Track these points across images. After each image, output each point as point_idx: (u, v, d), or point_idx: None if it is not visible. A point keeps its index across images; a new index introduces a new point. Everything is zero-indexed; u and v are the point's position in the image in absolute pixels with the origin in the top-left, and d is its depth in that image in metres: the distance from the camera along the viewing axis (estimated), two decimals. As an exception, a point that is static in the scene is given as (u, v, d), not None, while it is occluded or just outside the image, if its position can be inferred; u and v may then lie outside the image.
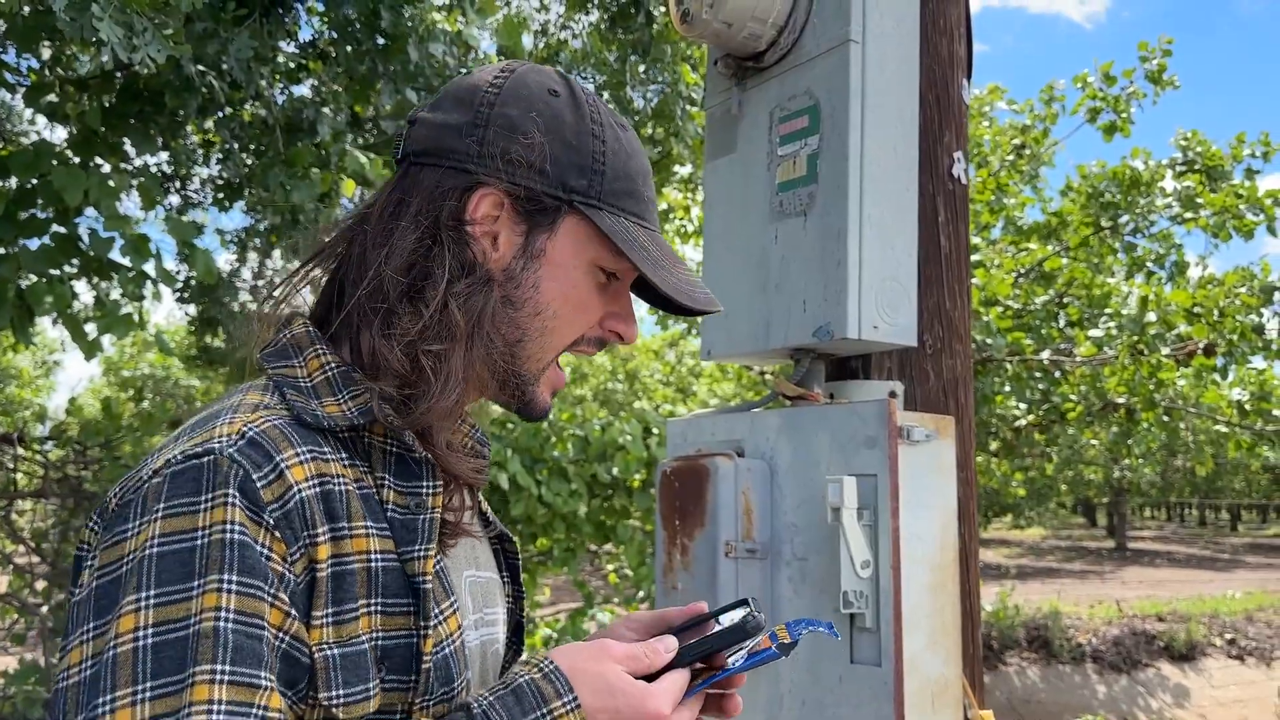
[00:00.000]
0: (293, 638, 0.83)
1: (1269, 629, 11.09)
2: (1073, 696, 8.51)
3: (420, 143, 1.01)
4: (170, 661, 0.75)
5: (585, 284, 1.03)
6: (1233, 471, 28.17)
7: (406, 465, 0.95)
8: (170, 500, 0.81)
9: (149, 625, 0.76)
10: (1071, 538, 32.38)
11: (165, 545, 0.79)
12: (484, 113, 0.98)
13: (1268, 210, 7.88)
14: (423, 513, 0.93)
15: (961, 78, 2.59)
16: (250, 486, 0.82)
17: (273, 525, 0.82)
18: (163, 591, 0.78)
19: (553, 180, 0.99)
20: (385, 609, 0.89)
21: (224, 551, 0.79)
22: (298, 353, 0.97)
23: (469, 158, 0.98)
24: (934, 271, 2.46)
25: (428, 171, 0.99)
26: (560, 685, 0.89)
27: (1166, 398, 6.88)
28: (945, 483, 2.14)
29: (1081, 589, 15.84)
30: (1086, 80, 8.51)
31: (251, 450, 0.84)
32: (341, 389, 0.94)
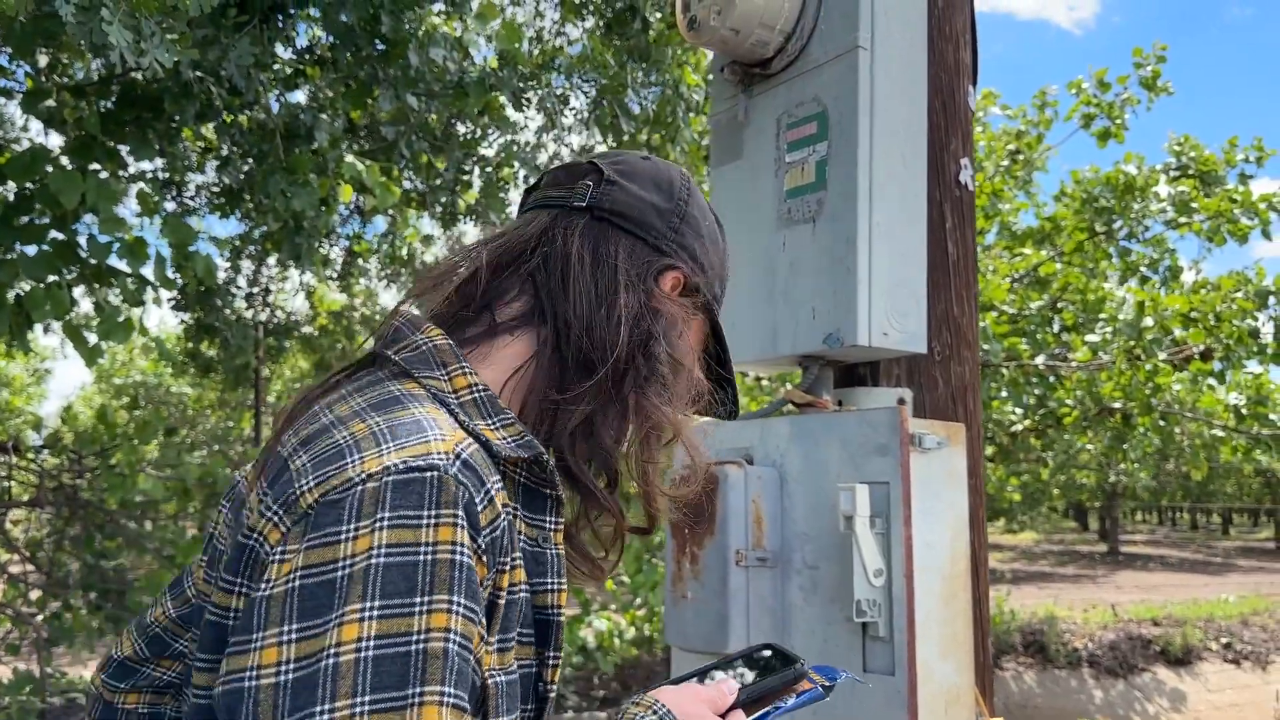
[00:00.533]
0: (476, 661, 0.83)
1: (1264, 633, 11.12)
2: (1070, 701, 8.51)
3: (619, 205, 1.10)
4: (390, 676, 0.75)
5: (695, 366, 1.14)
6: (1224, 475, 28.26)
7: (534, 497, 0.97)
8: (395, 510, 0.79)
9: (371, 636, 0.75)
10: (1064, 542, 32.44)
11: (392, 556, 0.78)
12: (680, 205, 1.13)
13: (1261, 214, 7.91)
14: (549, 547, 0.97)
15: (967, 84, 2.59)
16: (473, 510, 0.83)
17: (483, 550, 0.83)
18: (387, 604, 0.76)
19: (709, 288, 1.15)
20: (521, 639, 0.92)
21: (453, 572, 0.79)
22: (440, 364, 0.98)
23: (668, 240, 1.10)
24: (941, 278, 2.46)
25: (624, 236, 1.08)
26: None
27: (1163, 402, 6.90)
28: (956, 491, 2.14)
29: (1075, 593, 15.86)
30: (1081, 86, 8.53)
31: (469, 474, 0.84)
32: (491, 414, 0.95)
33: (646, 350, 1.04)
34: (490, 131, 4.87)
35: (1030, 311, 7.77)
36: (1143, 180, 8.31)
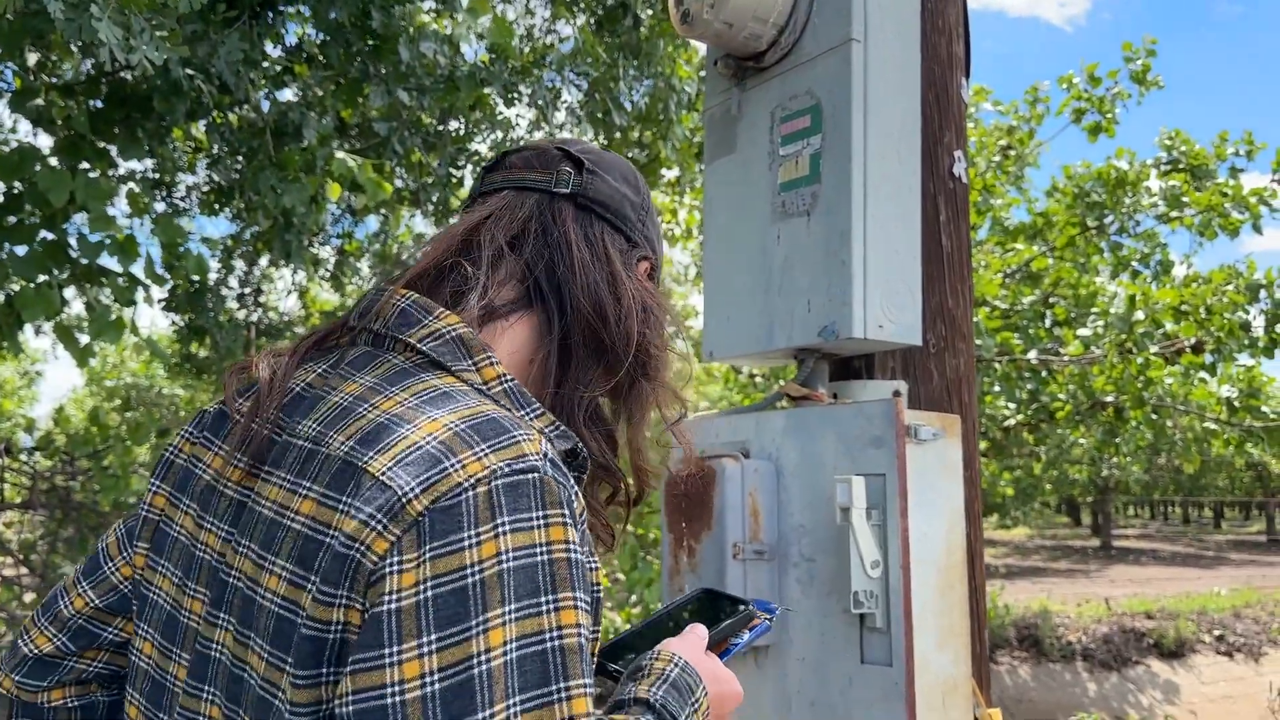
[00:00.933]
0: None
1: (1256, 625, 11.16)
2: (1064, 695, 8.54)
3: (601, 195, 1.14)
4: (533, 675, 0.78)
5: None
6: (1216, 469, 28.36)
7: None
8: (513, 514, 0.81)
9: (514, 640, 0.78)
10: (1056, 537, 32.53)
11: (519, 559, 0.80)
12: (645, 199, 1.19)
13: (1252, 208, 7.93)
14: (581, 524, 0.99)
15: (960, 77, 2.59)
16: (574, 507, 0.87)
17: (580, 540, 0.88)
18: (521, 606, 0.79)
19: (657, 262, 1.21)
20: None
21: (571, 570, 0.82)
22: (466, 354, 0.97)
23: (635, 229, 1.16)
24: (936, 271, 2.46)
25: (607, 226, 1.13)
26: (693, 677, 1.04)
27: (1155, 395, 6.91)
28: (952, 482, 2.14)
29: (1069, 588, 15.90)
30: (1072, 81, 8.55)
31: (559, 473, 0.87)
32: (523, 404, 0.97)
33: (651, 335, 1.11)
34: (483, 128, 4.86)
35: (1023, 307, 7.79)
36: (1134, 175, 8.32)
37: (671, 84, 5.04)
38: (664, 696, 0.99)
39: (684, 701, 1.00)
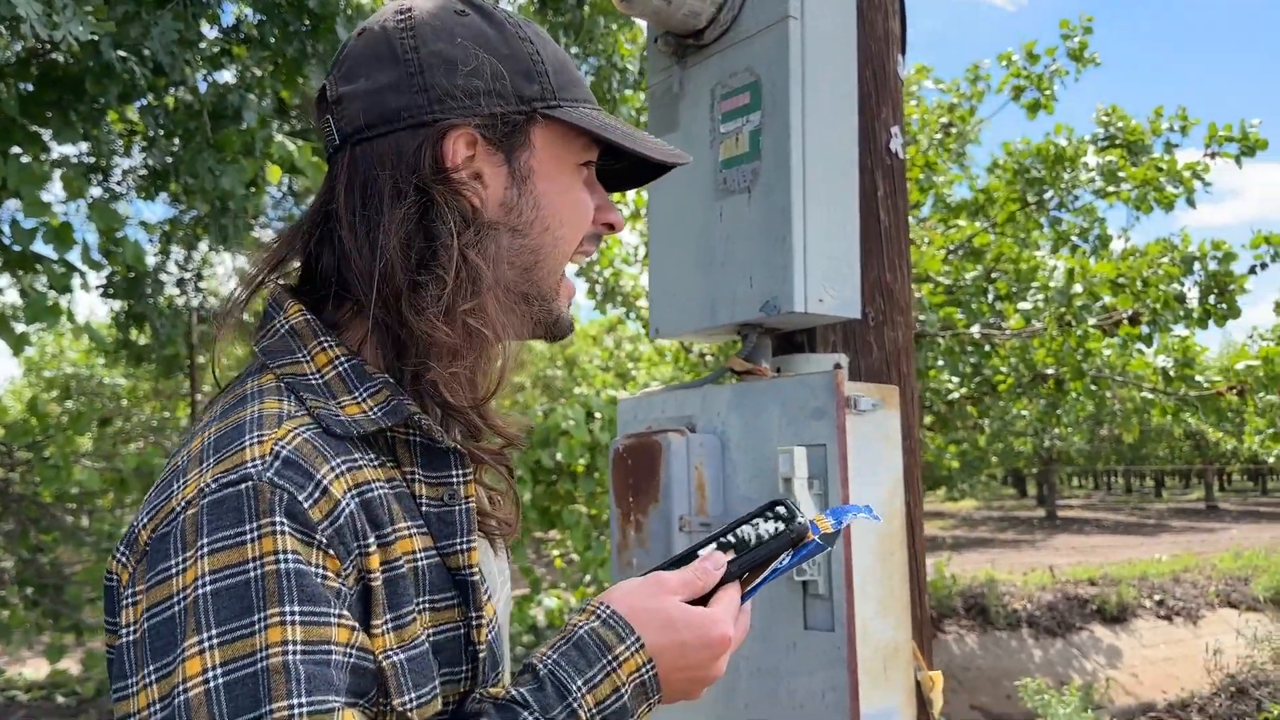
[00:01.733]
0: (360, 650, 0.80)
1: (1195, 589, 11.48)
2: (1010, 661, 8.73)
3: (357, 118, 0.94)
4: (244, 699, 0.73)
5: (576, 185, 1.02)
6: (1156, 439, 29.05)
7: (433, 455, 0.91)
8: (214, 533, 0.77)
9: (217, 665, 0.74)
10: (1003, 508, 33.16)
11: (218, 582, 0.76)
12: (412, 59, 0.94)
13: (1186, 183, 8.10)
14: (457, 504, 0.91)
15: (897, 54, 2.62)
16: (298, 509, 0.79)
17: (325, 544, 0.80)
18: (225, 630, 0.75)
19: (510, 97, 0.95)
20: (433, 605, 0.88)
21: (280, 583, 0.76)
22: (300, 345, 0.92)
23: (422, 109, 0.93)
24: (874, 245, 2.50)
25: (380, 142, 0.93)
26: (621, 628, 0.88)
27: (1094, 367, 7.07)
28: (891, 451, 2.18)
29: (1015, 557, 16.24)
30: (1011, 59, 8.67)
31: (290, 471, 0.80)
32: (357, 385, 0.90)
33: (428, 262, 0.92)
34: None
35: (965, 282, 7.90)
36: (1072, 151, 8.46)
37: (614, 63, 5.03)
38: (557, 660, 0.87)
39: (588, 663, 0.86)
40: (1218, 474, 41.51)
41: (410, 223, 0.91)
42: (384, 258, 0.90)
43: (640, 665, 0.88)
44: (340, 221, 0.94)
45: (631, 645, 0.88)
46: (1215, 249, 8.00)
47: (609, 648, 0.87)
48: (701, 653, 0.91)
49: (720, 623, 0.91)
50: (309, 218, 0.99)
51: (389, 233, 0.90)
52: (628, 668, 0.87)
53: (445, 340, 0.90)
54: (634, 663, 0.88)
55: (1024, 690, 5.96)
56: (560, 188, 1.00)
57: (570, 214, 1.01)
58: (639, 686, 0.88)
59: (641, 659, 0.88)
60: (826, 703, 2.01)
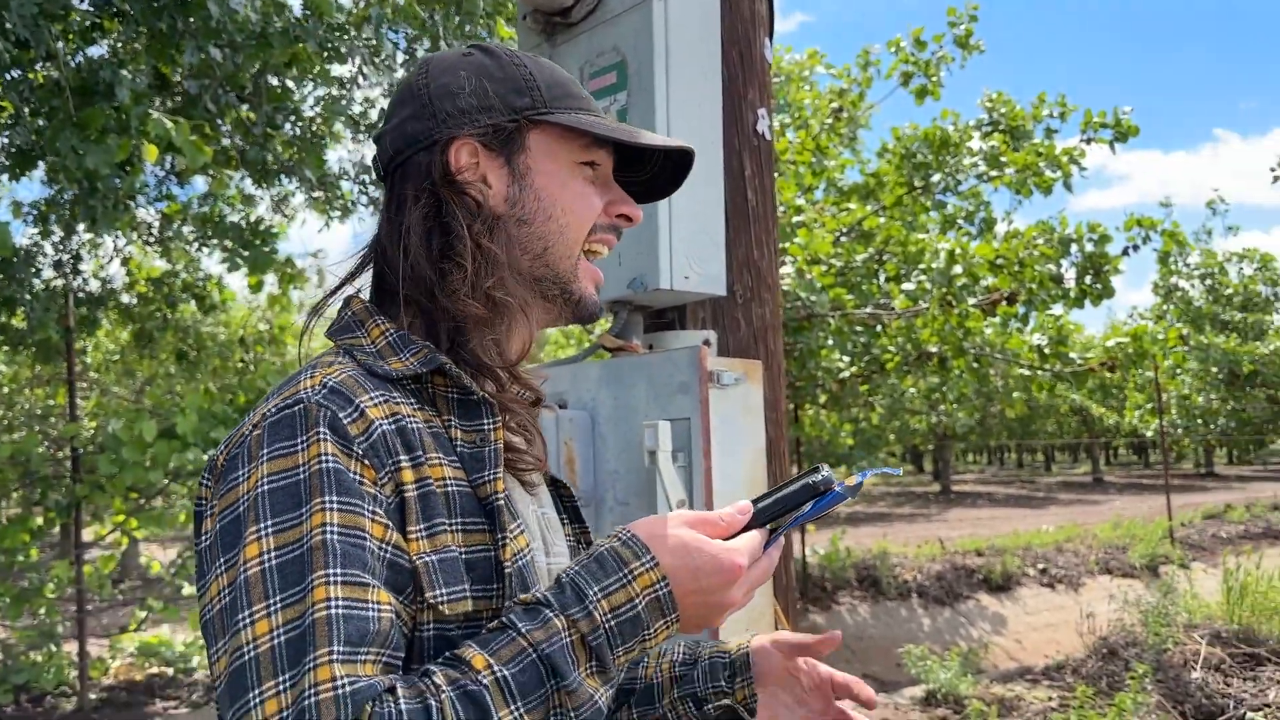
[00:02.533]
0: (394, 548, 0.94)
1: (1076, 558, 11.98)
2: (901, 630, 9.01)
3: (389, 150, 1.15)
4: (293, 576, 0.87)
5: (576, 179, 1.16)
6: (1045, 415, 30.15)
7: (468, 407, 1.06)
8: (272, 445, 0.94)
9: (271, 550, 0.89)
10: (901, 484, 34.05)
11: (274, 482, 0.92)
12: (424, 93, 1.13)
13: (1064, 167, 8.41)
14: (487, 445, 1.04)
15: (764, 36, 2.68)
16: (339, 424, 0.94)
17: (361, 455, 0.94)
18: (278, 520, 0.90)
19: (502, 109, 1.13)
20: (465, 528, 1.00)
21: (323, 479, 0.91)
22: (359, 325, 1.10)
23: (431, 130, 1.12)
24: (742, 224, 2.56)
25: (407, 165, 1.13)
26: (638, 548, 0.97)
27: (975, 345, 7.32)
28: (754, 423, 2.25)
29: (910, 531, 16.70)
30: (900, 45, 8.87)
31: (334, 396, 0.96)
32: (403, 349, 1.07)
33: (448, 253, 1.09)
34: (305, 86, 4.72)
35: (856, 264, 8.09)
36: (958, 136, 8.71)
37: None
38: (579, 570, 0.95)
39: (605, 573, 0.94)
40: (1104, 448, 43.30)
41: (427, 221, 1.10)
42: (410, 252, 1.09)
43: (654, 581, 0.95)
44: (383, 231, 1.14)
45: (647, 562, 0.96)
46: (1091, 231, 8.35)
47: (625, 562, 0.96)
48: (714, 577, 0.98)
49: (733, 552, 0.99)
50: (372, 239, 1.19)
51: (410, 231, 1.09)
52: (642, 581, 0.95)
53: (476, 313, 1.08)
54: (648, 578, 0.95)
55: (908, 657, 6.18)
56: (558, 181, 1.14)
57: (572, 203, 1.15)
58: (654, 601, 0.95)
59: (655, 575, 0.95)
60: (690, 668, 2.07)
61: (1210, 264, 19.20)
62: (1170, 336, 7.38)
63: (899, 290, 7.34)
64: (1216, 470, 38.02)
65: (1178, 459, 39.69)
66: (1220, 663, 5.81)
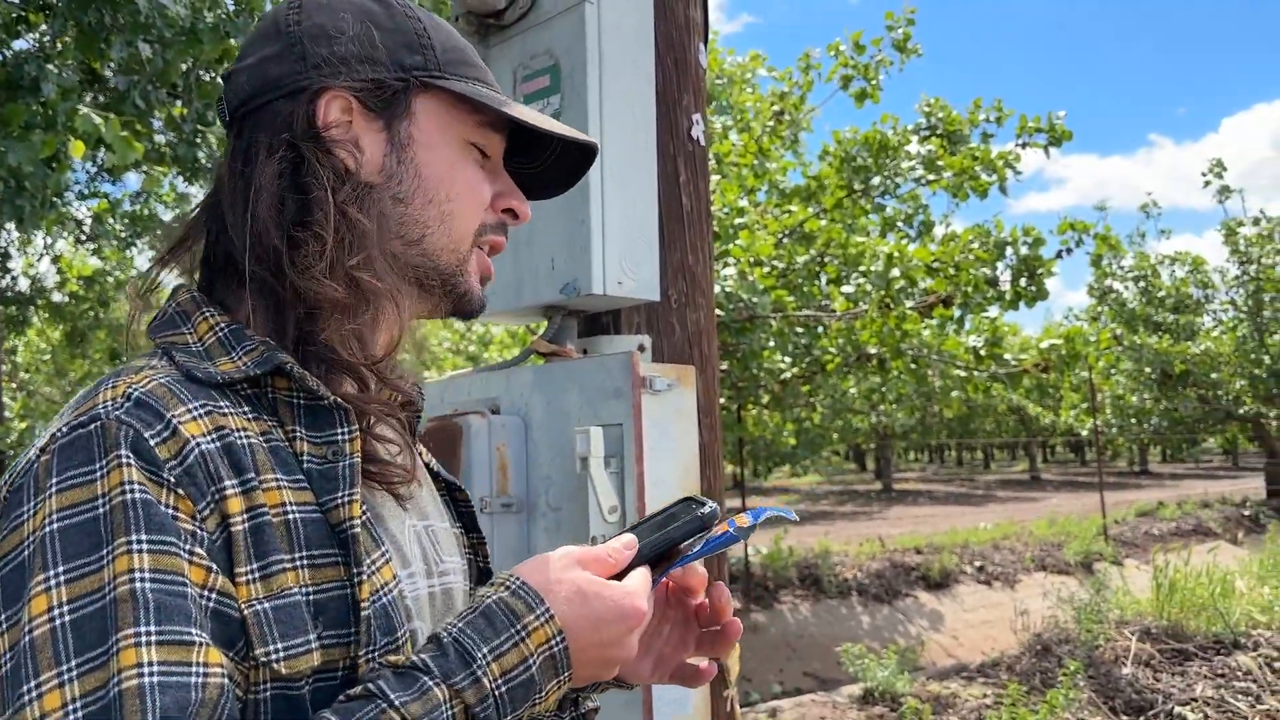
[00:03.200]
0: (219, 594, 0.78)
1: (1012, 555, 12.23)
2: (841, 628, 9.11)
3: (243, 90, 0.97)
4: (92, 634, 0.71)
5: (465, 163, 1.00)
6: (984, 414, 30.68)
7: (317, 414, 0.89)
8: (62, 474, 0.76)
9: (63, 603, 0.72)
10: (844, 482, 34.43)
11: (66, 519, 0.74)
12: (294, 32, 0.96)
13: (999, 171, 8.56)
14: (341, 459, 0.88)
15: (698, 42, 2.68)
16: (144, 446, 0.78)
17: (174, 483, 0.78)
18: (71, 566, 0.73)
19: (388, 64, 0.96)
20: (312, 562, 0.84)
21: (128, 513, 0.75)
22: (185, 320, 0.93)
23: (298, 75, 0.94)
24: (677, 229, 2.56)
25: (261, 111, 0.95)
26: (531, 598, 0.85)
27: (912, 347, 7.42)
28: (687, 428, 2.25)
29: (852, 529, 16.90)
30: (839, 49, 8.96)
31: (139, 410, 0.79)
32: (235, 346, 0.90)
33: (304, 219, 0.92)
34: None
35: (797, 266, 8.16)
36: (896, 140, 8.82)
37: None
38: (463, 628, 0.83)
39: (495, 631, 0.82)
40: (1041, 446, 44.18)
41: (283, 180, 0.91)
42: (256, 217, 0.90)
43: (550, 636, 0.84)
44: (222, 189, 0.95)
45: (541, 615, 0.84)
46: (1026, 235, 8.50)
47: (517, 617, 0.84)
48: (616, 626, 0.87)
49: (634, 595, 0.88)
50: (206, 196, 1.00)
51: (260, 191, 0.91)
52: (537, 638, 0.83)
53: (333, 296, 0.90)
54: (543, 633, 0.84)
55: (846, 655, 6.25)
56: (444, 160, 0.98)
57: (459, 190, 0.99)
58: (549, 659, 0.84)
59: (551, 630, 0.84)
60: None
61: (1143, 266, 19.68)
62: (1103, 338, 7.54)
63: (839, 292, 7.42)
64: (1150, 468, 39.03)
65: (1113, 457, 40.65)
66: (1150, 658, 5.95)
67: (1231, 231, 18.98)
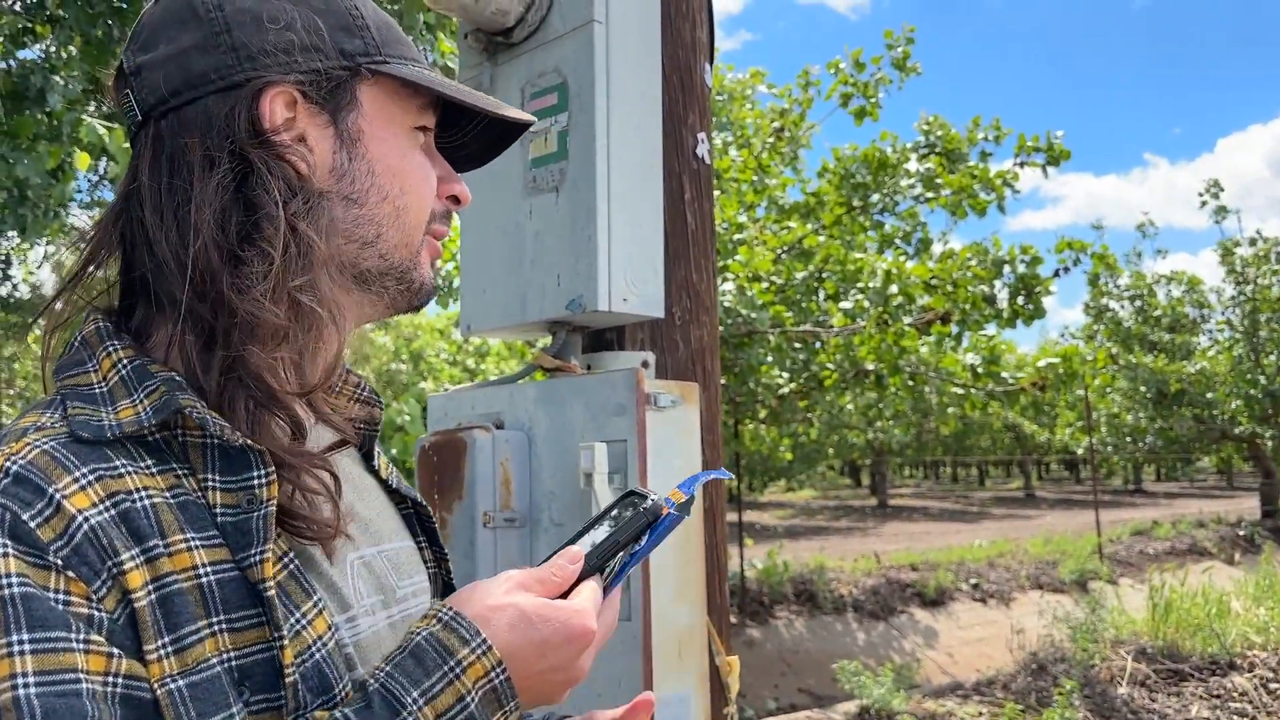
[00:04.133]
0: (127, 679, 0.71)
1: (1008, 573, 12.23)
2: (836, 644, 9.11)
3: (158, 88, 0.86)
4: None
5: (413, 151, 0.94)
6: (979, 431, 30.70)
7: (229, 458, 0.81)
8: None
9: None
10: (839, 498, 34.40)
11: None
12: (217, 17, 0.86)
13: (998, 190, 8.61)
14: (256, 509, 0.79)
15: (704, 62, 2.71)
16: (22, 529, 0.70)
17: (62, 565, 0.71)
18: None
19: (330, 52, 0.88)
20: (231, 625, 0.77)
21: (5, 610, 0.68)
22: (90, 355, 0.84)
23: (231, 69, 0.85)
24: (681, 247, 2.58)
25: (187, 111, 0.84)
26: (465, 630, 0.79)
27: (910, 364, 7.45)
28: (690, 445, 2.27)
29: (847, 545, 16.90)
30: (839, 66, 9.02)
31: (18, 488, 0.72)
32: (136, 387, 0.81)
33: (250, 235, 0.83)
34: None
35: (796, 282, 8.19)
36: (896, 158, 8.86)
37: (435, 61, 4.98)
38: (390, 672, 0.78)
39: (425, 672, 0.77)
40: (1036, 464, 44.20)
41: (226, 193, 0.83)
42: (196, 235, 0.81)
43: (489, 669, 0.78)
44: (143, 203, 0.85)
45: (478, 648, 0.79)
46: (1024, 253, 8.55)
47: (451, 652, 0.78)
48: (564, 649, 0.82)
49: (582, 614, 0.82)
50: (112, 206, 0.89)
51: (200, 206, 0.81)
52: (473, 673, 0.78)
53: (272, 321, 0.81)
54: (481, 667, 0.78)
55: (842, 672, 6.24)
56: (396, 151, 0.92)
57: (413, 181, 0.93)
58: (489, 693, 0.78)
59: (490, 662, 0.78)
60: (622, 689, 2.08)
61: (1139, 286, 19.74)
62: (1099, 357, 7.57)
63: (837, 308, 7.45)
64: (1145, 487, 39.06)
65: (1108, 476, 40.67)
66: (1145, 678, 5.96)
67: (1228, 251, 19.05)
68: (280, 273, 0.82)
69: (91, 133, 4.37)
